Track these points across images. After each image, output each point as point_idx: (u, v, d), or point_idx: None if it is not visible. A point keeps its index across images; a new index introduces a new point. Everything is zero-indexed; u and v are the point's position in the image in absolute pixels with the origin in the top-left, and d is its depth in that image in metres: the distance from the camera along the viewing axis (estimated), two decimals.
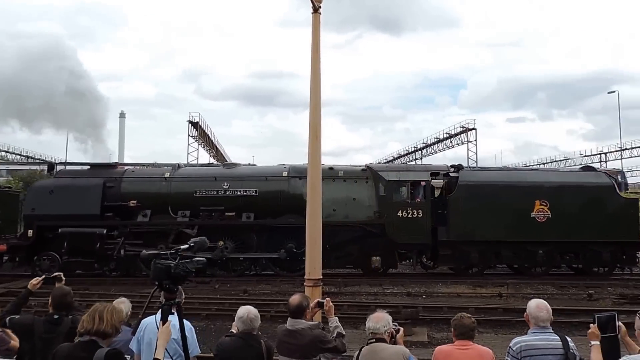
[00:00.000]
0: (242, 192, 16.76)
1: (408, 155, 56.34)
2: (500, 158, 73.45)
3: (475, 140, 43.12)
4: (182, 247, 3.22)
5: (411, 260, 17.71)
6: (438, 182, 17.26)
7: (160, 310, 3.19)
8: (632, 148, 50.04)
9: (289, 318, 4.07)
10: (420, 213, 16.52)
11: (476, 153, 42.64)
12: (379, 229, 16.64)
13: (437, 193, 17.23)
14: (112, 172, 17.81)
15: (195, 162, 41.92)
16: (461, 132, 44.67)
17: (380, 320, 3.80)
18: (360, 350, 3.78)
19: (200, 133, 42.71)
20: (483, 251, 16.76)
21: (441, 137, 48.28)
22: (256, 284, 15.94)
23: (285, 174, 17.23)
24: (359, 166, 18.49)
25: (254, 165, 21.77)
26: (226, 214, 16.72)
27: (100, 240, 16.24)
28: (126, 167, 18.82)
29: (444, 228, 16.61)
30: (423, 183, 16.90)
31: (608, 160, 50.42)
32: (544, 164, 56.92)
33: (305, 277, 5.62)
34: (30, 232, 16.51)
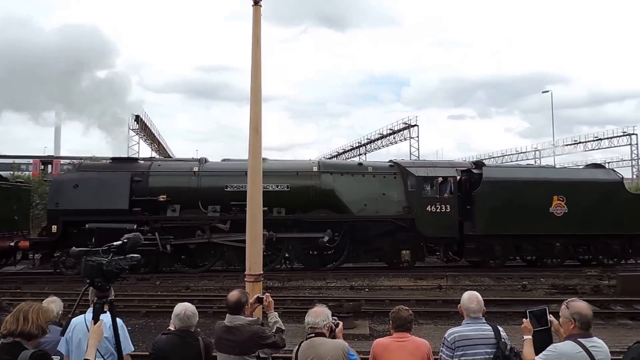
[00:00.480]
0: (274, 187, 16.56)
1: (352, 151, 56.90)
2: (441, 154, 75.52)
3: (418, 137, 44.14)
4: (115, 243, 3.11)
5: (438, 254, 18.29)
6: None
7: (90, 309, 3.07)
8: (564, 145, 52.90)
9: (227, 314, 4.02)
10: (448, 208, 17.08)
11: (418, 149, 43.69)
12: (408, 223, 17.03)
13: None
14: (138, 166, 17.37)
15: (136, 155, 40.68)
16: (404, 129, 45.55)
17: (319, 314, 3.81)
18: (300, 345, 3.78)
19: (142, 126, 41.39)
20: (505, 244, 17.46)
21: (385, 133, 49.07)
22: (198, 280, 15.70)
23: (315, 169, 17.44)
24: (386, 162, 18.89)
25: (277, 160, 21.48)
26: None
27: None
28: (152, 161, 18.10)
29: (469, 222, 17.21)
30: (451, 179, 17.41)
31: (542, 157, 53.01)
32: (482, 160, 58.88)
33: (245, 272, 5.55)
34: (54, 228, 15.82)
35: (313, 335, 3.76)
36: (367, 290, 14.43)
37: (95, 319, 3.01)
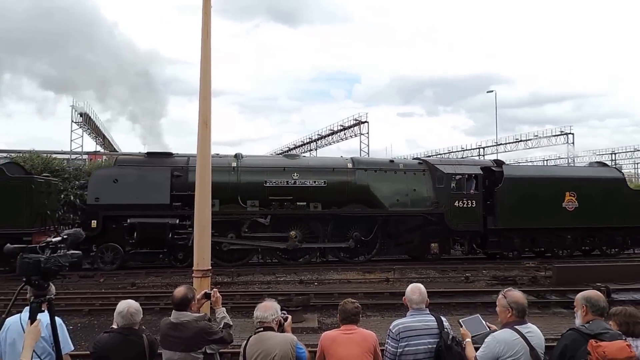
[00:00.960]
0: (311, 182, 17.23)
1: (303, 147, 56.98)
2: (390, 150, 76.67)
3: (368, 133, 44.67)
4: (54, 239, 2.99)
5: (462, 246, 19.32)
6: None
7: (26, 309, 2.94)
8: (506, 143, 55.03)
9: (173, 311, 3.95)
10: (474, 203, 18.04)
11: (368, 145, 44.23)
12: (437, 217, 17.80)
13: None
14: (176, 161, 17.32)
15: (79, 149, 39.16)
16: (354, 125, 45.97)
17: (268, 309, 3.81)
18: (248, 339, 3.77)
19: (86, 119, 39.80)
20: (522, 237, 18.63)
21: (335, 129, 49.40)
22: (145, 276, 15.34)
23: (350, 165, 18.05)
24: (415, 159, 20.02)
25: (312, 157, 21.38)
26: (297, 203, 17.11)
27: (172, 230, 15.69)
28: (188, 157, 17.84)
29: (491, 217, 18.27)
30: (476, 176, 18.45)
31: (486, 154, 54.83)
32: (429, 156, 60.40)
33: (193, 267, 5.46)
34: (94, 223, 15.71)
35: (261, 329, 3.75)
36: (316, 284, 14.53)
37: (32, 318, 2.88)
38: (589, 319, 3.54)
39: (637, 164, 50.59)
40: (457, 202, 17.93)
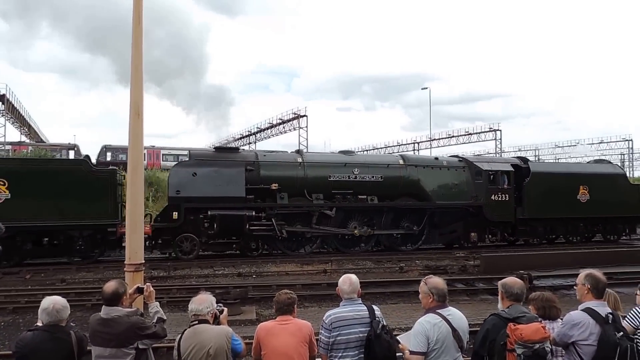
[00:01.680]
0: (370, 177, 18.58)
1: (242, 140, 56.34)
2: (329, 144, 77.48)
3: (307, 127, 44.76)
4: None
5: (494, 235, 21.00)
6: None
7: None
8: (439, 139, 56.98)
9: (103, 306, 3.84)
10: (507, 196, 20.10)
11: (307, 139, 44.36)
12: (476, 209, 19.66)
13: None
14: (247, 156, 18.21)
15: (2, 139, 36.83)
16: (293, 119, 45.90)
17: (202, 302, 3.80)
18: (182, 333, 3.74)
19: (9, 108, 37.41)
20: (545, 225, 21.06)
21: (275, 122, 49.19)
22: (75, 272, 14.76)
23: (401, 162, 19.50)
24: (454, 157, 22.25)
25: (364, 154, 22.05)
26: (359, 197, 18.37)
27: (248, 222, 16.43)
28: (255, 152, 19.41)
29: (520, 208, 20.24)
30: (508, 172, 20.32)
31: (420, 149, 56.48)
32: (367, 150, 61.45)
33: (125, 262, 5.31)
34: (175, 215, 16.41)
35: (196, 322, 3.74)
36: (254, 276, 14.51)
37: None
38: (508, 304, 3.78)
39: (558, 159, 53.86)
40: (493, 195, 19.93)
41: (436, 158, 21.11)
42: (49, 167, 16.08)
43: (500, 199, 19.97)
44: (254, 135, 53.56)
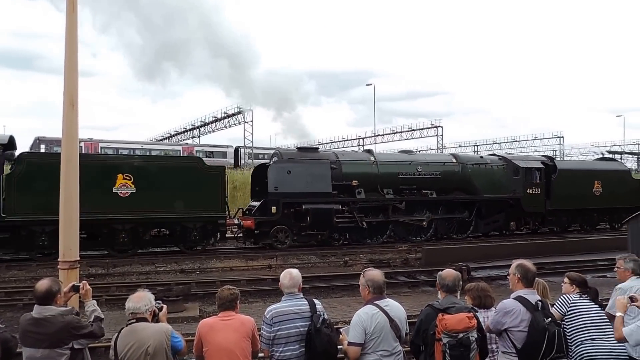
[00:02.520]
0: (430, 174, 20.69)
1: (186, 133, 55.15)
2: (274, 140, 76.89)
3: (252, 121, 44.41)
4: None
5: (527, 224, 23.50)
6: None
7: None
8: (383, 134, 58.02)
9: (35, 305, 3.67)
10: (539, 190, 22.76)
11: (252, 133, 44.03)
12: (515, 202, 22.19)
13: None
14: (329, 155, 19.98)
15: None
16: (238, 113, 45.43)
17: (140, 299, 3.70)
18: (119, 332, 3.63)
19: None
20: (567, 216, 24.25)
21: (219, 116, 48.44)
22: (5, 270, 14.00)
23: (454, 160, 21.88)
24: (494, 155, 24.99)
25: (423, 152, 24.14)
26: (422, 191, 20.47)
27: (335, 215, 18.08)
28: (332, 151, 21.72)
29: (549, 200, 22.95)
30: (540, 169, 23.11)
31: (365, 145, 57.26)
32: (313, 145, 61.49)
33: (59, 259, 5.07)
34: (274, 209, 17.72)
35: (134, 320, 3.64)
36: (198, 272, 14.27)
37: None
38: (443, 295, 3.95)
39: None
40: (528, 189, 22.47)
41: (481, 157, 24.52)
42: (168, 164, 17.73)
43: (534, 192, 22.64)
44: (197, 129, 52.55)
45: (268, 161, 20.11)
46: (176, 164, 17.85)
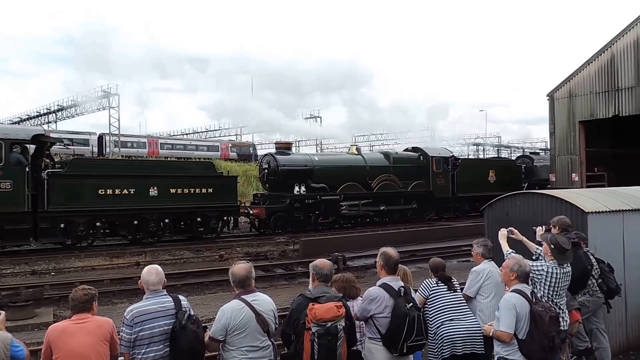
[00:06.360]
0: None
1: (39, 118, 49.75)
2: (145, 127, 72.96)
3: (118, 107, 41.50)
4: None
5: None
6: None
7: None
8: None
9: None
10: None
11: (118, 120, 41.12)
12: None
13: None
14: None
15: None
16: (103, 97, 42.22)
17: None
18: None
19: None
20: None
21: (79, 100, 44.47)
22: None
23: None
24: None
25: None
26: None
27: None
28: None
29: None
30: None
31: (243, 134, 56.45)
32: (187, 134, 59.49)
33: None
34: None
35: None
36: (53, 274, 13.00)
37: None
38: (316, 284, 3.99)
39: (373, 146, 58.91)
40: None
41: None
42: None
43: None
44: (53, 114, 47.71)
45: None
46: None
